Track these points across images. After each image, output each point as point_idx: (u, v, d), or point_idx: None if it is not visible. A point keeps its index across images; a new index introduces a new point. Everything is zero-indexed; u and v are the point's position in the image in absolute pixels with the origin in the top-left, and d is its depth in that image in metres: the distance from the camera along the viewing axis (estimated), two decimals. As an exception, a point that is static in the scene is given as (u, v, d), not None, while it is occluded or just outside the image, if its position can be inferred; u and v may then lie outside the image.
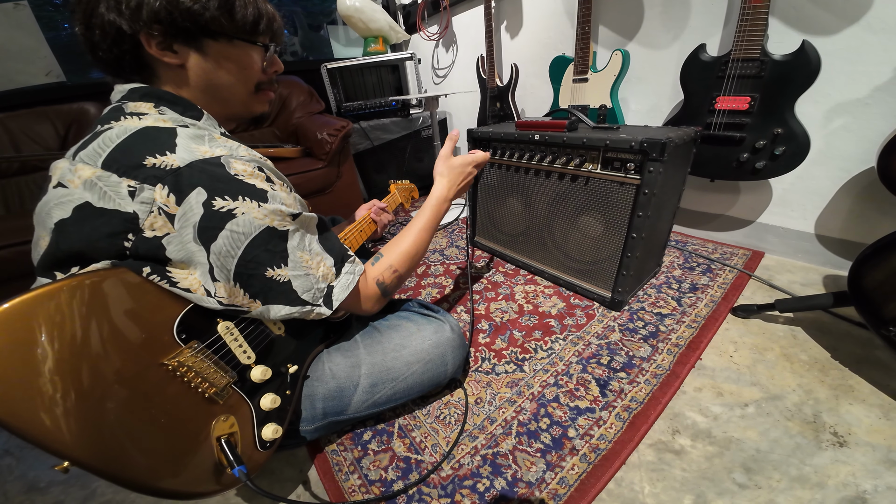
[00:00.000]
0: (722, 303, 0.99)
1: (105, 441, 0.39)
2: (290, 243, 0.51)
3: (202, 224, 0.45)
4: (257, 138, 1.82)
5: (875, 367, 0.77)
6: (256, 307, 0.51)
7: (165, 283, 0.46)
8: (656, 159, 0.80)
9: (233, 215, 0.46)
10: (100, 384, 0.40)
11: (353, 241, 0.83)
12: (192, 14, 0.47)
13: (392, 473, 0.66)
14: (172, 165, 0.44)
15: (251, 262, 0.48)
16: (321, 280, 0.55)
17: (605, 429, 0.70)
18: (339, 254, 0.59)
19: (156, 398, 0.44)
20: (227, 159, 0.47)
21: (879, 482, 0.58)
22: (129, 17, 0.45)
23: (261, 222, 0.48)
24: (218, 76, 0.54)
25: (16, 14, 1.45)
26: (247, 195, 0.47)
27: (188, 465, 0.47)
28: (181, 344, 0.47)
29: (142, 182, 0.43)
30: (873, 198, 0.97)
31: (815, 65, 0.88)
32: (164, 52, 0.49)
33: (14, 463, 0.78)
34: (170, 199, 0.43)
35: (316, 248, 0.55)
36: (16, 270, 1.00)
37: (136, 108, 0.49)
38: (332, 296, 0.56)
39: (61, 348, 0.38)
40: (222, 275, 0.47)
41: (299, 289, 0.52)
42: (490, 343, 0.94)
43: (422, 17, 2.03)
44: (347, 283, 0.58)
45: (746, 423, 0.69)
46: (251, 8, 0.52)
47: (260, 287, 0.50)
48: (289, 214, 0.51)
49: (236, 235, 0.46)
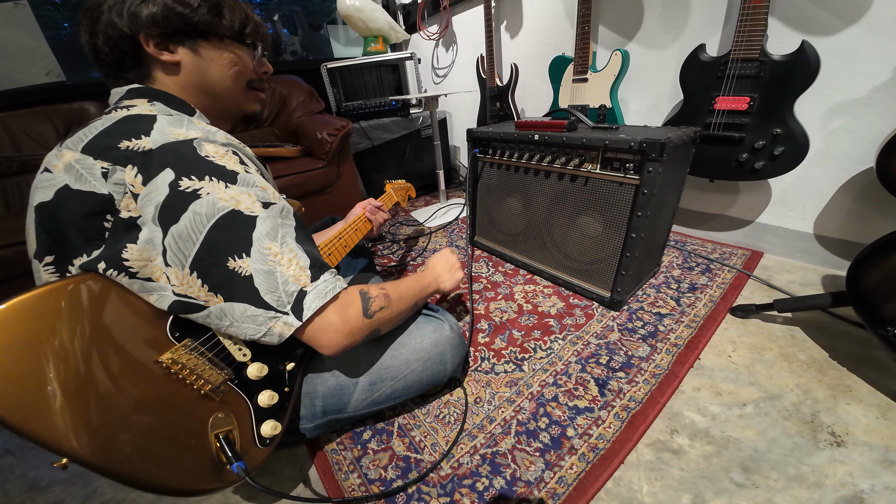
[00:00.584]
0: (721, 303, 0.99)
1: (103, 438, 0.40)
2: (256, 231, 0.47)
3: (165, 203, 0.44)
4: (258, 138, 1.82)
5: (873, 367, 0.77)
6: (216, 302, 0.46)
7: (125, 276, 0.45)
8: (655, 159, 0.80)
9: (197, 195, 0.45)
10: (96, 382, 0.40)
11: (349, 240, 0.83)
12: (185, 17, 0.52)
13: (391, 472, 0.67)
14: (144, 148, 0.45)
15: (212, 249, 0.45)
16: (291, 280, 0.48)
17: (603, 428, 0.70)
18: (319, 260, 0.52)
19: (151, 396, 0.45)
20: (200, 142, 0.48)
21: (877, 482, 0.58)
22: (130, 20, 0.50)
23: (225, 204, 0.46)
24: (210, 72, 0.57)
25: (16, 13, 1.45)
26: (214, 175, 0.46)
27: (187, 461, 0.47)
28: (174, 342, 0.48)
29: (113, 164, 0.44)
30: (872, 198, 0.97)
31: (815, 65, 0.88)
32: (160, 51, 0.53)
33: (15, 462, 0.78)
34: (136, 180, 0.44)
35: (290, 242, 0.50)
36: (17, 270, 1.00)
37: (129, 103, 0.51)
38: (304, 303, 0.48)
39: (58, 347, 0.38)
40: (176, 259, 0.45)
41: (261, 286, 0.46)
42: (489, 342, 0.94)
43: (422, 16, 2.04)
44: (325, 291, 0.50)
45: (744, 422, 0.69)
46: (238, 13, 0.58)
47: (221, 279, 0.46)
48: (259, 200, 0.48)
49: (198, 217, 0.44)
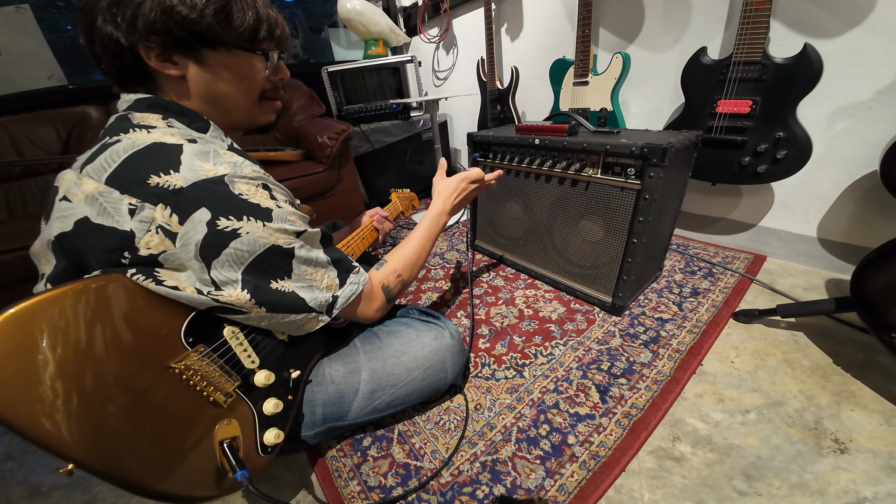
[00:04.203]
0: (723, 307, 0.99)
1: (109, 444, 0.40)
2: (294, 259, 0.52)
3: (205, 241, 0.45)
4: (258, 142, 1.83)
5: (877, 373, 0.76)
6: (259, 312, 0.51)
7: (151, 282, 0.45)
8: (657, 164, 0.79)
9: (237, 234, 0.46)
10: (105, 387, 0.40)
11: (356, 248, 0.84)
12: (189, 23, 0.46)
13: (391, 480, 0.66)
14: (175, 185, 0.43)
15: (255, 275, 0.49)
16: (325, 290, 0.56)
17: (604, 435, 0.69)
18: (344, 264, 0.61)
19: (160, 401, 0.45)
20: (231, 178, 0.47)
21: (880, 489, 0.58)
22: (126, 30, 0.45)
23: (266, 241, 0.48)
24: (218, 87, 0.53)
25: (17, 17, 1.46)
26: (251, 215, 0.47)
27: (190, 468, 0.47)
28: (188, 347, 0.48)
29: (143, 200, 0.43)
30: (876, 201, 0.97)
31: (818, 68, 0.88)
32: (163, 63, 0.48)
33: (16, 467, 0.78)
34: (172, 219, 0.43)
35: (321, 259, 0.56)
36: (20, 274, 1.01)
37: (145, 120, 0.49)
38: (335, 305, 0.58)
39: (67, 352, 0.38)
40: (223, 285, 0.48)
41: (306, 297, 0.54)
42: (490, 348, 0.94)
43: (422, 19, 2.04)
44: (350, 294, 0.60)
45: (747, 429, 0.69)
46: (250, 14, 0.50)
47: (264, 297, 0.50)
48: (293, 232, 0.52)
49: (240, 253, 0.47)
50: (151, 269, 0.46)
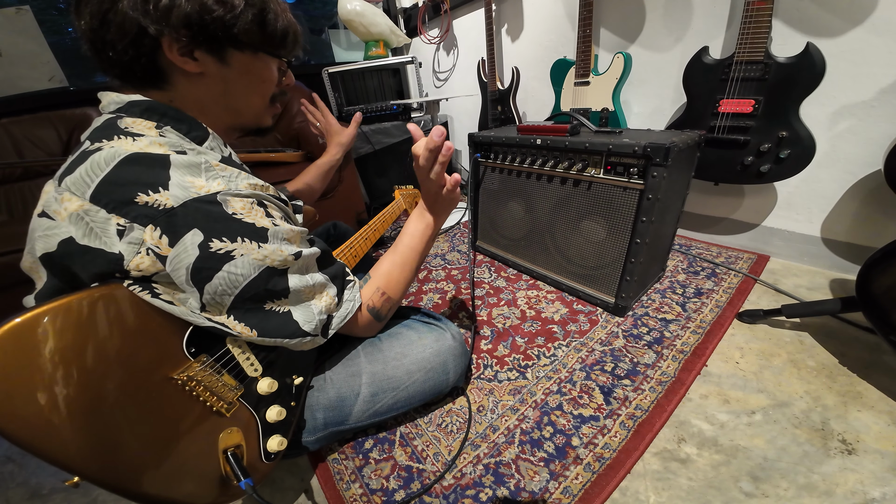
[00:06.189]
0: (727, 308, 0.98)
1: (113, 455, 0.39)
2: (291, 281, 0.50)
3: (196, 265, 0.42)
4: (259, 143, 1.82)
5: (884, 373, 0.76)
6: (251, 335, 0.48)
7: (148, 294, 0.43)
8: (660, 164, 0.79)
9: (231, 257, 0.44)
10: (108, 400, 0.40)
11: (359, 249, 0.84)
12: (224, 23, 0.45)
13: (394, 482, 0.66)
14: (165, 205, 0.40)
15: (249, 300, 0.47)
16: (323, 311, 0.54)
17: (609, 437, 0.69)
18: (341, 281, 0.59)
19: (164, 412, 0.44)
20: (224, 196, 0.44)
21: (888, 489, 0.57)
22: (157, 18, 0.42)
23: (260, 263, 0.46)
24: (236, 87, 0.52)
25: (18, 19, 1.45)
26: (245, 236, 0.45)
27: (194, 477, 0.47)
28: (190, 358, 0.47)
29: (132, 221, 0.40)
30: (880, 201, 0.96)
31: (820, 67, 0.87)
32: (184, 58, 0.46)
33: (16, 470, 0.77)
34: (162, 241, 0.41)
35: (319, 279, 0.54)
36: (21, 276, 1.00)
37: (134, 126, 0.45)
38: (330, 326, 0.57)
39: (70, 365, 0.37)
40: (215, 308, 0.46)
41: (300, 319, 0.51)
42: (492, 350, 0.93)
43: (422, 20, 2.04)
44: (345, 314, 0.58)
45: (753, 430, 0.68)
46: (281, 21, 0.51)
47: (257, 320, 0.48)
48: (290, 254, 0.49)
49: (234, 277, 0.45)
50: (148, 283, 0.44)
